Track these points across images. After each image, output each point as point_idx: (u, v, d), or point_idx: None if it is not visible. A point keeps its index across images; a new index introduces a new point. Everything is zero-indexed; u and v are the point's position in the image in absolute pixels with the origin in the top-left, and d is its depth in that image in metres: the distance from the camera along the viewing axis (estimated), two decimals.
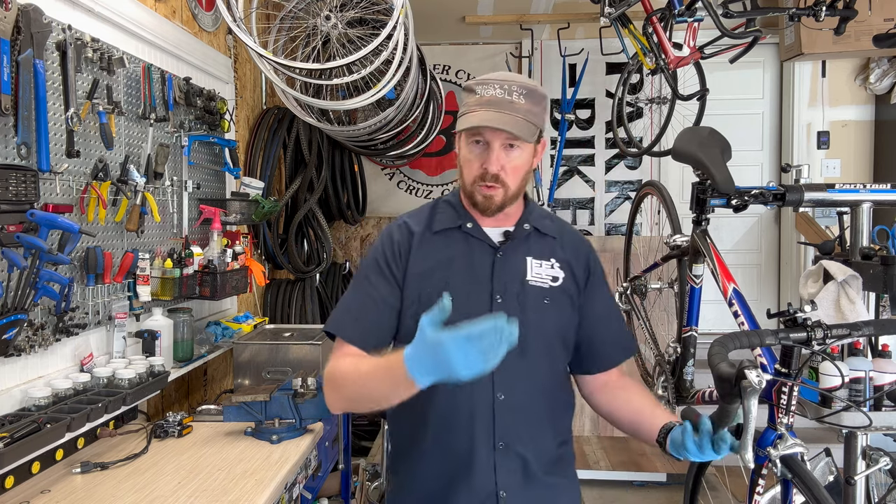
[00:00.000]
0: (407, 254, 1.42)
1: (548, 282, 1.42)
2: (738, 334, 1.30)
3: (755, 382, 1.07)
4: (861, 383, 1.95)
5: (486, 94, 1.35)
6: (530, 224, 1.46)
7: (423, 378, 1.10)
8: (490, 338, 1.03)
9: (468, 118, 1.35)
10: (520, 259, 1.42)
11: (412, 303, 1.39)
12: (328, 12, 3.00)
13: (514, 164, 1.37)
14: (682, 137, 2.26)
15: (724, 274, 1.92)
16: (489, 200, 1.38)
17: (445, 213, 1.47)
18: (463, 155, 1.41)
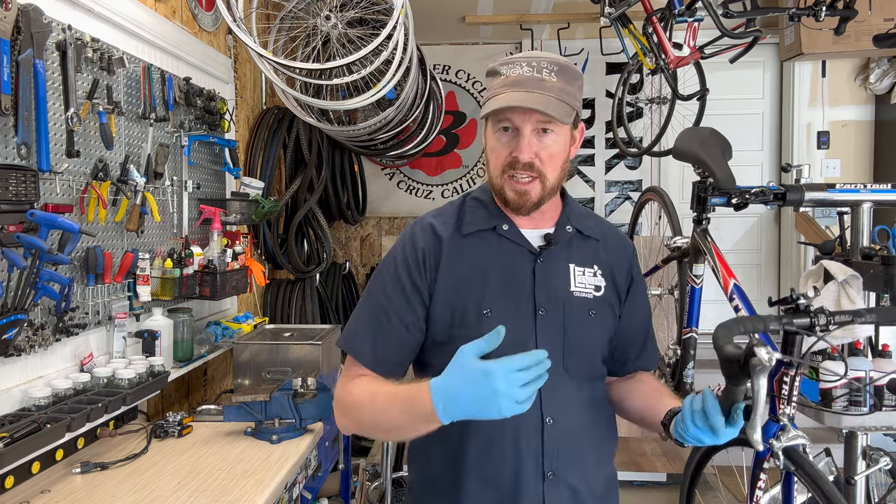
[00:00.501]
0: (435, 263, 1.24)
1: (591, 292, 1.26)
2: (742, 319, 1.27)
3: (765, 360, 1.03)
4: (861, 383, 1.95)
5: (512, 73, 1.21)
6: (572, 225, 1.30)
7: (451, 413, 1.01)
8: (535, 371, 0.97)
9: (493, 101, 1.19)
10: (562, 266, 1.26)
11: (442, 320, 1.23)
12: (328, 12, 3.00)
13: (550, 152, 1.20)
14: (683, 137, 2.27)
15: (724, 270, 1.93)
16: (523, 197, 1.21)
17: (476, 213, 1.29)
18: (490, 145, 1.25)
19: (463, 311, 1.21)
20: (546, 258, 1.25)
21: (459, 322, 1.21)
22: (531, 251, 1.25)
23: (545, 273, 1.24)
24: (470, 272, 1.23)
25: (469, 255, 1.25)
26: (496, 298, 1.21)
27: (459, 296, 1.22)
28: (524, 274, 1.23)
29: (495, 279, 1.23)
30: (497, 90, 1.21)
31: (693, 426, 1.09)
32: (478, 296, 1.21)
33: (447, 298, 1.22)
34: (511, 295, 1.22)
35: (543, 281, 1.23)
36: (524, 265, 1.24)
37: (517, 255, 1.25)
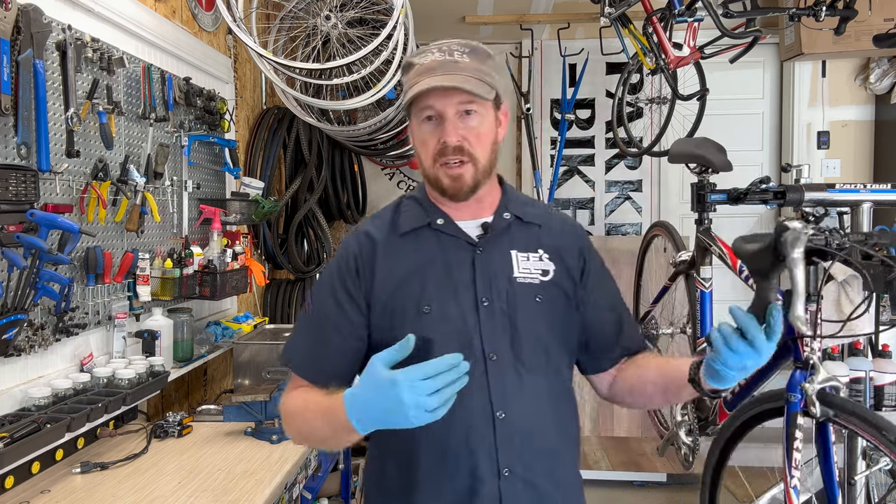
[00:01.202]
0: (370, 268, 1.22)
1: (538, 277, 1.22)
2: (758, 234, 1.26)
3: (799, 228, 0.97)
4: (861, 383, 1.95)
5: (424, 61, 1.18)
6: (510, 212, 1.26)
7: (365, 424, 1.01)
8: (446, 377, 0.95)
9: (411, 90, 1.17)
10: (503, 254, 1.23)
11: (383, 322, 1.21)
12: (328, 12, 3.00)
13: (477, 132, 1.18)
14: (677, 143, 2.32)
15: (731, 253, 1.97)
16: (458, 181, 1.18)
17: (411, 212, 1.27)
18: (417, 138, 1.22)
19: (402, 311, 1.19)
20: (485, 248, 1.22)
21: (399, 323, 1.18)
22: (469, 242, 1.23)
23: (485, 262, 1.21)
24: (407, 271, 1.21)
25: (406, 255, 1.23)
26: (435, 294, 1.19)
27: (398, 296, 1.20)
28: (464, 266, 1.21)
29: (434, 275, 1.20)
30: (412, 80, 1.18)
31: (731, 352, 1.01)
32: (416, 294, 1.19)
33: (386, 301, 1.20)
34: (451, 289, 1.19)
35: (484, 271, 1.20)
36: (463, 257, 1.21)
37: (455, 248, 1.23)
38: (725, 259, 1.99)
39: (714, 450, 1.95)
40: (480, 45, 1.22)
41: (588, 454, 3.86)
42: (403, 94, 1.22)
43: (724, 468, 1.95)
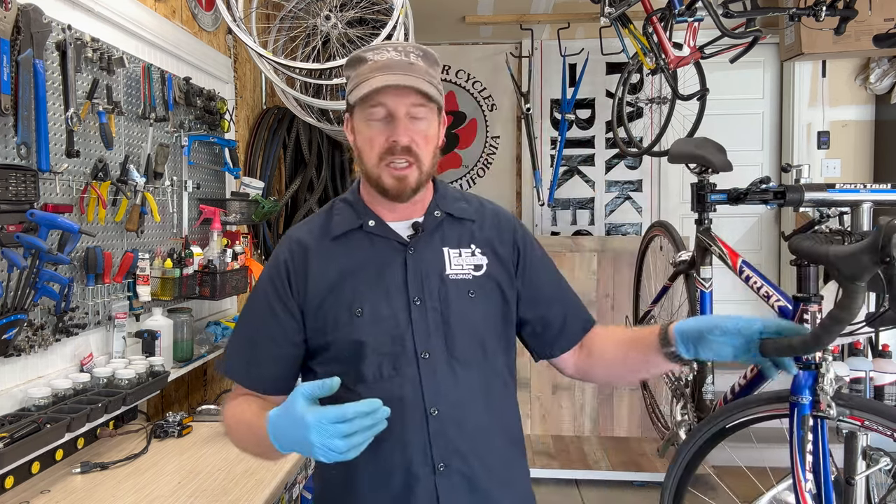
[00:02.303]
0: (303, 274, 1.21)
1: (470, 272, 1.23)
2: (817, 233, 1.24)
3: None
4: (861, 383, 1.95)
5: (380, 58, 1.17)
6: (441, 210, 1.26)
7: (284, 447, 1.03)
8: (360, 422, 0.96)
9: (366, 84, 1.15)
10: (435, 252, 1.23)
11: (317, 326, 1.20)
12: (328, 12, 3.00)
13: (425, 135, 1.18)
14: (677, 143, 2.32)
15: (730, 253, 1.97)
16: (402, 182, 1.17)
17: (343, 214, 1.26)
18: (362, 134, 1.19)
19: (335, 315, 1.19)
20: (416, 247, 1.22)
21: (333, 326, 1.19)
22: (400, 242, 1.22)
23: (417, 262, 1.21)
24: (339, 275, 1.20)
25: (338, 258, 1.22)
26: (368, 296, 1.18)
27: (330, 301, 1.19)
28: (395, 267, 1.20)
29: (366, 277, 1.20)
30: (366, 75, 1.16)
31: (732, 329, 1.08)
32: (348, 297, 1.18)
33: (319, 304, 1.20)
34: (383, 290, 1.19)
35: (415, 270, 1.20)
36: (394, 258, 1.21)
37: (387, 249, 1.22)
38: (725, 259, 1.99)
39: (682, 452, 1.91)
40: (431, 50, 1.22)
41: (588, 454, 3.87)
42: (350, 89, 1.20)
43: (691, 477, 1.94)
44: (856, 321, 1.41)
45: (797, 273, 1.57)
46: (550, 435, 4.12)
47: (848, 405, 1.50)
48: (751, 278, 1.87)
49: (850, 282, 1.03)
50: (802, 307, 1.58)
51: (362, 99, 1.16)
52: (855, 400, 1.50)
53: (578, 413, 4.17)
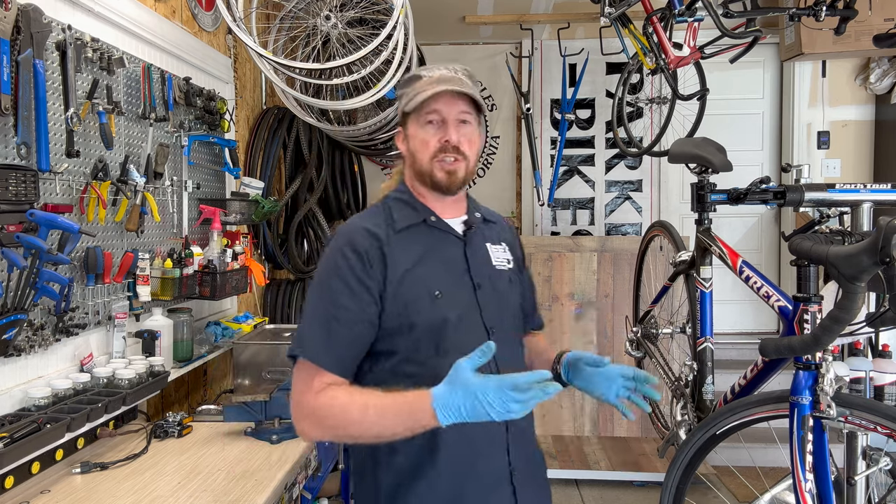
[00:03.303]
0: (380, 260, 1.32)
1: (505, 264, 1.47)
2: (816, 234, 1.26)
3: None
4: (861, 383, 1.95)
5: (433, 74, 1.38)
6: (478, 212, 1.49)
7: (450, 418, 1.13)
8: (533, 392, 1.10)
9: (420, 95, 1.34)
10: (482, 246, 1.45)
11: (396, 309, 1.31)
12: (328, 12, 3.00)
13: (471, 138, 1.38)
14: (677, 143, 2.31)
15: (731, 253, 1.97)
16: (452, 176, 1.36)
17: (403, 211, 1.41)
18: (417, 137, 1.38)
19: (416, 298, 1.31)
20: (470, 240, 1.43)
21: (414, 308, 1.31)
22: (458, 237, 1.42)
23: (472, 253, 1.41)
24: (413, 263, 1.34)
25: (408, 248, 1.36)
26: (441, 281, 1.34)
27: (408, 284, 1.32)
28: (458, 257, 1.39)
29: (436, 264, 1.36)
30: (422, 87, 1.36)
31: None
32: (426, 281, 1.33)
33: (396, 289, 1.31)
34: (452, 276, 1.37)
35: (473, 260, 1.40)
36: (456, 249, 1.40)
37: (448, 241, 1.41)
38: (725, 259, 1.99)
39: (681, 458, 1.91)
40: (474, 74, 1.43)
41: (588, 454, 3.87)
42: (407, 100, 1.38)
43: (691, 477, 1.93)
44: (856, 321, 1.42)
45: (797, 273, 1.57)
46: (550, 435, 4.12)
47: (848, 405, 1.50)
48: (751, 278, 1.87)
49: (849, 282, 1.03)
50: (802, 307, 1.57)
51: (420, 105, 1.35)
52: (855, 400, 1.50)
53: (578, 413, 4.17)
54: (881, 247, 0.99)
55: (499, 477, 1.35)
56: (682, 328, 2.44)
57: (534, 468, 1.44)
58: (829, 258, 1.12)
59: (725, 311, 4.67)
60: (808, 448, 1.54)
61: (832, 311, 1.15)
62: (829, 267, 1.19)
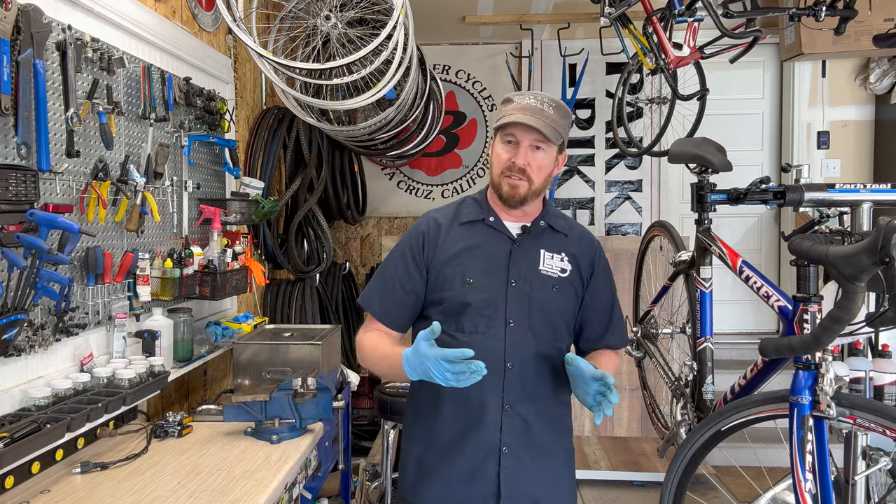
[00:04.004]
0: (434, 242, 1.62)
1: (557, 272, 1.62)
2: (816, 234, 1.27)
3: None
4: (861, 383, 1.95)
5: (521, 101, 1.57)
6: (546, 222, 1.66)
7: (413, 376, 1.41)
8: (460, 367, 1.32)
9: (505, 118, 1.56)
10: (534, 251, 1.62)
11: (436, 285, 1.60)
12: (328, 12, 3.00)
13: (539, 163, 1.57)
14: (677, 143, 2.31)
15: (730, 253, 1.97)
16: (514, 190, 1.57)
17: (471, 208, 1.67)
18: (495, 152, 1.62)
19: (451, 279, 1.58)
20: (521, 243, 1.62)
21: (448, 287, 1.58)
22: (510, 238, 1.63)
23: (519, 255, 1.61)
24: (460, 250, 1.60)
25: (461, 238, 1.62)
26: (478, 271, 1.58)
27: (450, 267, 1.59)
28: (502, 254, 1.60)
29: (479, 256, 1.60)
30: (509, 112, 1.57)
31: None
32: (464, 268, 1.58)
33: (440, 269, 1.60)
34: (489, 269, 1.59)
35: (517, 260, 1.60)
36: (503, 247, 1.62)
37: (499, 240, 1.62)
38: (725, 259, 1.98)
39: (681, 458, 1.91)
40: (564, 104, 1.61)
41: (588, 454, 3.87)
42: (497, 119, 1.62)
43: (691, 476, 1.93)
44: (856, 321, 1.42)
45: (797, 273, 1.57)
46: None
47: (848, 405, 1.50)
48: (751, 278, 1.87)
49: (849, 282, 1.03)
50: (802, 307, 1.57)
51: (500, 127, 1.58)
52: (855, 400, 1.50)
53: (578, 413, 4.17)
54: (881, 247, 0.99)
55: (488, 448, 1.56)
56: (682, 328, 2.44)
57: (538, 461, 1.59)
58: (828, 258, 1.12)
59: (725, 311, 4.67)
60: (807, 448, 1.54)
61: (832, 311, 1.15)
62: (828, 267, 1.19)
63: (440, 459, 1.60)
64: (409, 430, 1.71)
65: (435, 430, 1.61)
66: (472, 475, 1.56)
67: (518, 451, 1.56)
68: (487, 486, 1.55)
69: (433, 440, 1.61)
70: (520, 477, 1.56)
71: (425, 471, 1.62)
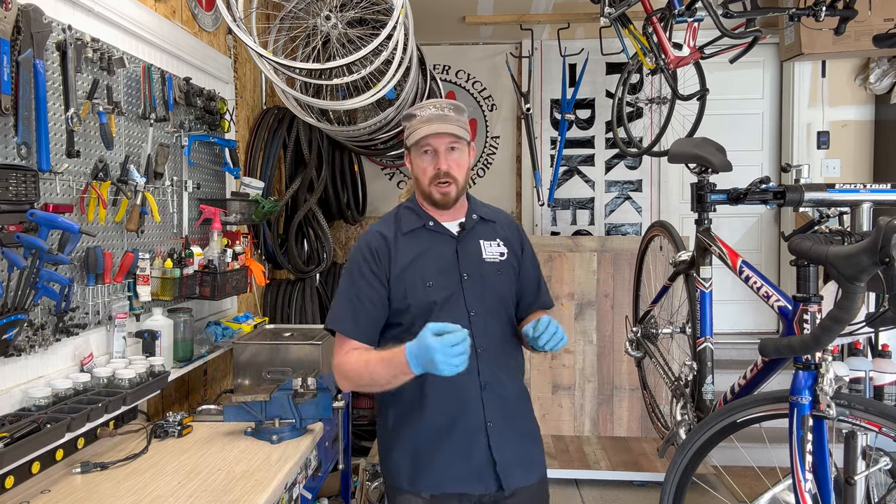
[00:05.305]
0: (387, 255, 1.73)
1: (497, 257, 1.79)
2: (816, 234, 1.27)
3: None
4: (861, 383, 1.95)
5: (424, 114, 1.71)
6: (477, 214, 1.82)
7: (417, 368, 1.48)
8: (463, 345, 1.42)
9: (416, 133, 1.70)
10: (475, 243, 1.79)
11: (398, 293, 1.71)
12: (328, 12, 3.00)
13: (458, 162, 1.73)
14: (677, 143, 2.31)
15: (730, 253, 1.97)
16: (446, 196, 1.73)
17: (409, 217, 1.79)
18: (417, 165, 1.74)
19: (412, 285, 1.71)
20: (463, 239, 1.78)
21: (411, 293, 1.71)
22: (451, 236, 1.78)
23: (464, 250, 1.76)
24: (413, 257, 1.73)
25: (410, 246, 1.75)
26: (434, 273, 1.72)
27: (408, 275, 1.71)
28: (450, 253, 1.75)
29: (431, 260, 1.74)
30: (416, 126, 1.71)
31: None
32: (421, 273, 1.71)
33: (399, 277, 1.71)
34: (443, 269, 1.73)
35: (463, 256, 1.75)
36: (449, 247, 1.76)
37: (443, 241, 1.77)
38: (725, 259, 1.98)
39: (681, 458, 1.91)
40: (460, 104, 1.77)
41: (588, 454, 3.87)
42: (408, 134, 1.74)
43: (691, 476, 1.93)
44: (856, 321, 1.41)
45: (797, 273, 1.57)
46: (550, 435, 4.12)
47: (848, 405, 1.50)
48: (750, 278, 1.86)
49: (849, 282, 1.03)
50: (802, 307, 1.57)
51: (415, 143, 1.71)
52: (855, 400, 1.50)
53: (578, 413, 4.17)
54: (881, 247, 0.99)
55: (476, 426, 1.70)
56: (681, 328, 2.43)
57: (515, 425, 1.77)
58: (828, 258, 1.12)
59: (725, 311, 4.67)
60: (807, 448, 1.54)
61: (832, 311, 1.15)
62: (828, 267, 1.19)
63: (436, 445, 1.71)
64: (395, 431, 1.77)
65: (425, 422, 1.71)
66: (468, 451, 1.70)
67: (500, 422, 1.73)
68: (482, 457, 1.70)
69: (423, 433, 1.72)
70: (507, 444, 1.73)
71: (421, 460, 1.72)
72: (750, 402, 1.74)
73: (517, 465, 1.74)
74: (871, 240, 1.03)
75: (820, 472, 1.53)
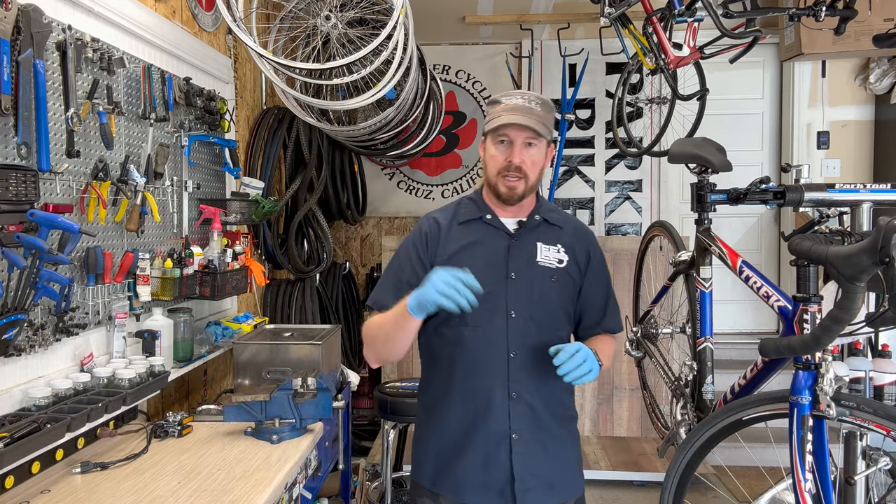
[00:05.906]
0: (436, 241, 1.70)
1: (554, 263, 1.69)
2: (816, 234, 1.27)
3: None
4: (861, 383, 1.95)
5: (509, 102, 1.63)
6: (540, 215, 1.73)
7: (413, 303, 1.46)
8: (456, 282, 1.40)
9: (496, 120, 1.62)
10: (531, 244, 1.69)
11: None
12: (328, 12, 3.00)
13: (533, 159, 1.64)
14: (677, 143, 2.31)
15: (730, 253, 1.98)
16: (512, 190, 1.65)
17: (468, 208, 1.75)
18: (489, 153, 1.68)
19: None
20: (518, 237, 1.70)
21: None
22: (507, 233, 1.70)
23: (517, 249, 1.68)
24: (460, 247, 1.69)
25: (461, 236, 1.70)
26: (480, 265, 1.61)
27: (453, 262, 1.62)
28: (500, 249, 1.68)
29: (478, 252, 1.68)
30: (498, 113, 1.64)
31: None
32: (468, 263, 1.60)
33: (444, 264, 1.60)
34: (489, 264, 1.66)
35: (515, 254, 1.68)
36: (501, 242, 1.69)
37: (496, 236, 1.70)
38: (725, 259, 1.99)
39: (681, 458, 1.91)
40: (549, 100, 1.68)
41: (588, 454, 3.87)
42: (487, 121, 1.68)
43: (691, 476, 1.93)
44: (856, 321, 1.41)
45: (797, 273, 1.57)
46: None
47: (848, 405, 1.50)
48: (750, 278, 1.87)
49: (849, 282, 1.03)
50: (802, 307, 1.57)
51: (493, 130, 1.64)
52: (855, 400, 1.50)
53: (578, 412, 4.17)
54: (881, 247, 0.99)
55: (499, 434, 1.63)
56: (681, 328, 2.43)
57: (546, 444, 1.67)
58: (828, 258, 1.12)
59: (725, 311, 4.67)
60: (807, 448, 1.54)
61: (832, 311, 1.15)
62: (828, 267, 1.19)
63: (456, 450, 1.66)
64: (423, 425, 1.77)
65: (448, 423, 1.68)
66: (486, 462, 1.63)
67: (527, 437, 1.63)
68: (502, 472, 1.62)
69: (447, 432, 1.68)
70: (531, 461, 1.63)
71: (443, 462, 1.68)
72: (751, 401, 1.74)
73: (539, 487, 1.64)
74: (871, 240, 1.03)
75: (820, 472, 1.53)
